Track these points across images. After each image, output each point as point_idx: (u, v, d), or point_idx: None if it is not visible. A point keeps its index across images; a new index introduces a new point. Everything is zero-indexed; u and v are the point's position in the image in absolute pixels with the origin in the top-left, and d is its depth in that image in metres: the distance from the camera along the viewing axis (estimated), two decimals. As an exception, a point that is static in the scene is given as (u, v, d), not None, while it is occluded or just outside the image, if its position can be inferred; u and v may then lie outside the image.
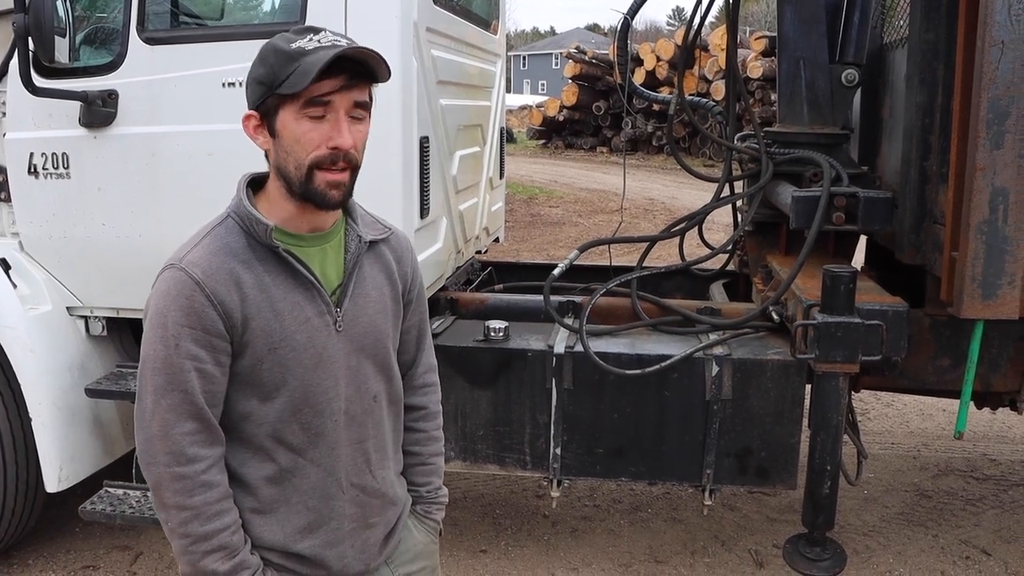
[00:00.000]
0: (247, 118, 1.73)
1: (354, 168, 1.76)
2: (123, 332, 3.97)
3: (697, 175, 4.42)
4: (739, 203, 4.60)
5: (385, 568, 1.99)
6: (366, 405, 1.88)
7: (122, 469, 3.85)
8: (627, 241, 4.34)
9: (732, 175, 4.29)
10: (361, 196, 3.43)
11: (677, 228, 4.26)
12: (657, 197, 16.42)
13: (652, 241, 4.21)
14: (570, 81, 23.05)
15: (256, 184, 1.83)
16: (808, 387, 3.64)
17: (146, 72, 3.44)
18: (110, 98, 3.47)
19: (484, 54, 4.80)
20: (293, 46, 1.65)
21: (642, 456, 3.65)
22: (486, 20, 4.97)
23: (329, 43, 1.66)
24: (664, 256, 7.62)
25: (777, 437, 3.56)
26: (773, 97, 18.45)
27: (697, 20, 4.27)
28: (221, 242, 1.73)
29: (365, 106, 1.74)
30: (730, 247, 4.57)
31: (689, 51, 4.37)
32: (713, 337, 3.69)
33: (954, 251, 3.07)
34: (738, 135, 4.40)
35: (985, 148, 2.89)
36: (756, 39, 19.34)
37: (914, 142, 3.67)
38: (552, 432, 3.65)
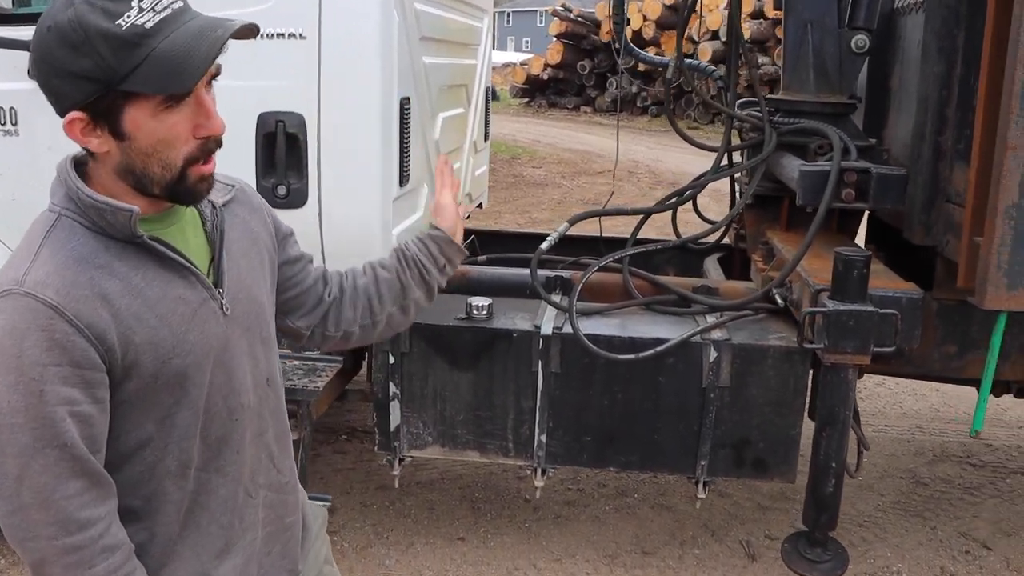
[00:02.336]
0: (71, 123, 1.36)
1: (218, 147, 1.47)
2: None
3: (695, 143, 4.16)
4: (738, 174, 4.36)
5: None
6: (261, 392, 1.63)
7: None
8: (621, 213, 4.10)
9: (731, 144, 4.04)
10: (336, 163, 3.10)
11: (672, 200, 4.01)
12: (641, 159, 16.15)
13: (647, 214, 3.96)
14: (555, 39, 22.62)
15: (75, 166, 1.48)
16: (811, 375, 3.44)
17: (100, 20, 3.13)
18: (60, 48, 3.16)
19: (470, 9, 4.50)
20: (123, 24, 1.30)
21: (632, 445, 3.43)
22: (472, -28, 4.66)
23: (167, 9, 1.33)
24: (657, 225, 7.35)
25: (777, 428, 3.34)
26: (760, 60, 18.17)
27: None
28: (65, 249, 1.39)
29: (218, 70, 1.42)
30: (731, 222, 4.34)
31: (689, 11, 4.10)
32: (710, 320, 3.46)
33: (977, 236, 2.83)
34: (739, 101, 4.14)
35: (1018, 125, 2.65)
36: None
37: (929, 115, 3.42)
38: (537, 418, 3.42)
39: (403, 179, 3.33)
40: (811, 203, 3.29)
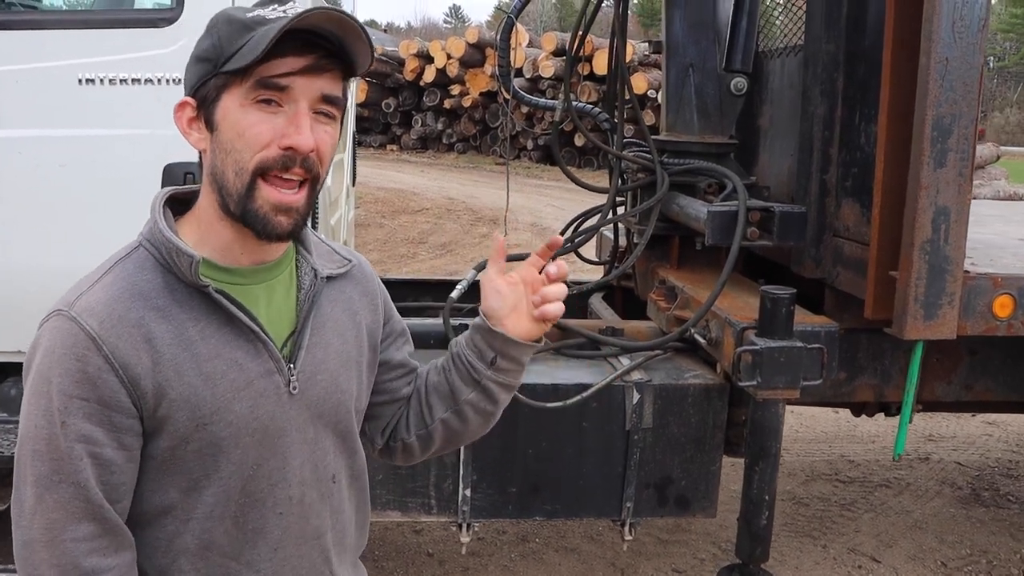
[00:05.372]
0: (181, 106, 1.36)
1: (313, 181, 1.34)
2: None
3: (584, 185, 4.20)
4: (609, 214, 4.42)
5: None
6: (324, 489, 1.48)
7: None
8: (522, 258, 4.05)
9: (621, 186, 4.10)
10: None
11: (568, 245, 4.02)
12: (456, 196, 16.23)
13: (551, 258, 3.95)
14: (359, 78, 22.49)
15: (180, 204, 1.43)
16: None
17: (-27, 64, 2.80)
18: (-76, 95, 2.80)
19: (344, 51, 4.36)
20: (250, 15, 1.31)
21: (558, 493, 3.38)
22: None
23: (293, 9, 1.31)
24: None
25: (698, 464, 3.39)
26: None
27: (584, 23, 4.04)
28: (127, 281, 1.32)
29: (336, 102, 1.34)
30: (613, 262, 4.40)
31: (574, 57, 4.13)
32: (625, 361, 3.47)
33: (892, 270, 2.98)
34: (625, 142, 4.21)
35: (929, 167, 2.81)
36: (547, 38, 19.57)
37: (814, 154, 3.61)
38: (461, 472, 3.31)
39: (314, 227, 3.16)
40: (721, 242, 3.37)
